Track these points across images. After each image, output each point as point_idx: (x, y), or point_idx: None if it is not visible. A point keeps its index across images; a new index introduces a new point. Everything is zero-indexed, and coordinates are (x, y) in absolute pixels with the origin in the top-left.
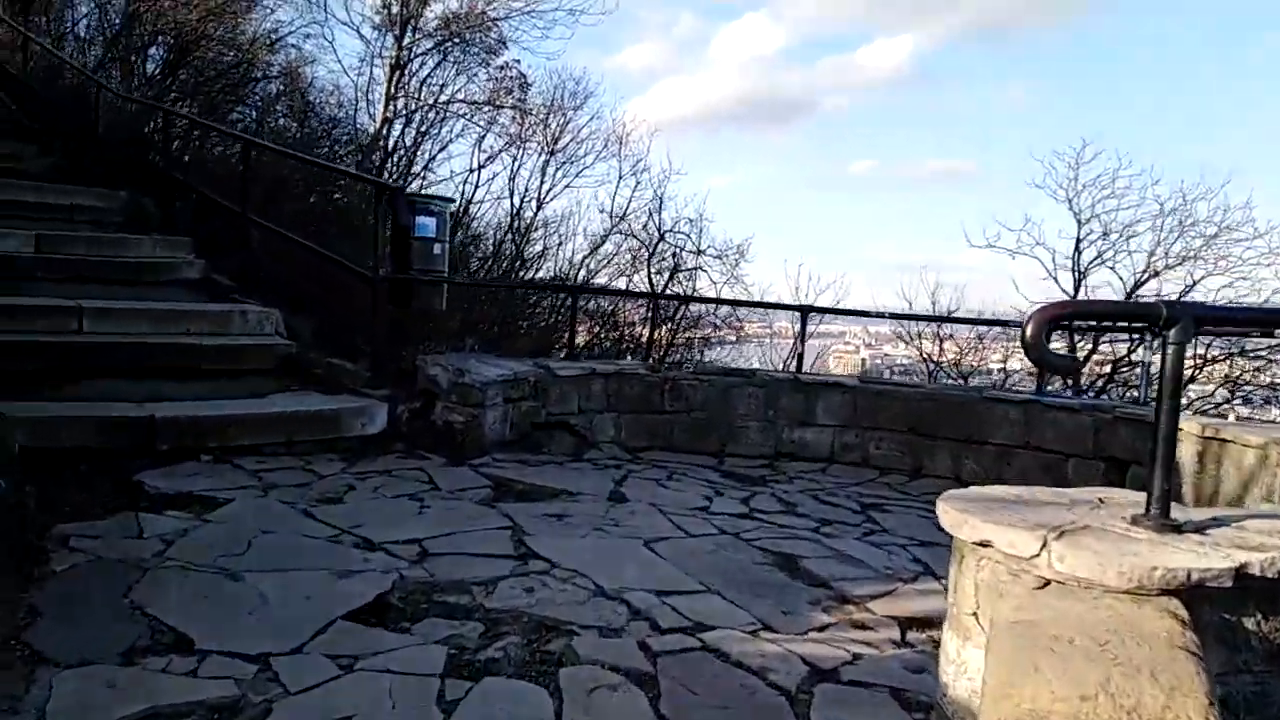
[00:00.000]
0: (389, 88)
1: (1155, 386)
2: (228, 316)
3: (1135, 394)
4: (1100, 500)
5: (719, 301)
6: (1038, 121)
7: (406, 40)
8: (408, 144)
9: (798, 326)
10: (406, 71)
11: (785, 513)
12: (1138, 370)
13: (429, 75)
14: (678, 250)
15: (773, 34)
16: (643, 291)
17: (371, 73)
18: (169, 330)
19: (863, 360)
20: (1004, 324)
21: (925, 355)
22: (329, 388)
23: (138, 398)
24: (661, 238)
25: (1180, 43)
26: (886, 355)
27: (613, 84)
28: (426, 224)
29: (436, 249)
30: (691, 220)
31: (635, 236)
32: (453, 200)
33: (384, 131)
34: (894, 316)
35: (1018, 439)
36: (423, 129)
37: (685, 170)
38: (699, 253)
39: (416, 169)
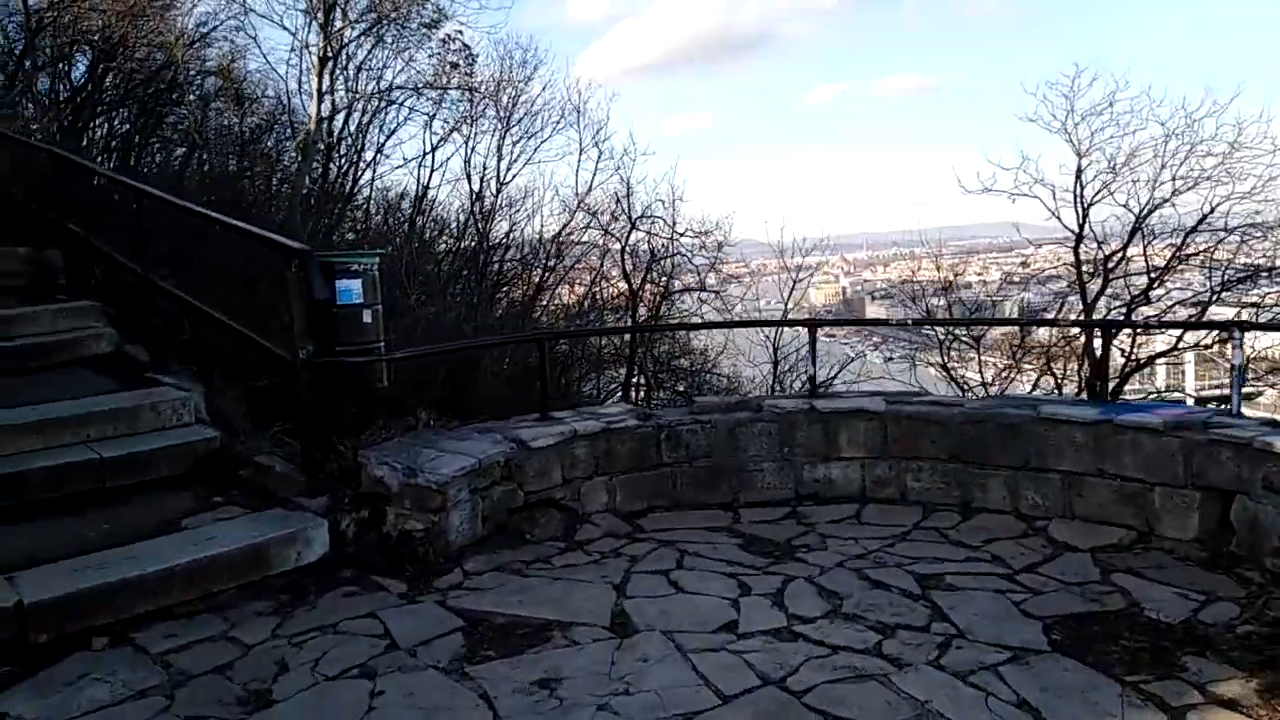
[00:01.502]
0: (319, 82)
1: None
2: (136, 412)
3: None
4: None
5: (711, 325)
6: (1003, 31)
7: (337, 26)
8: (352, 132)
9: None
10: (341, 59)
11: (832, 615)
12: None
13: (365, 59)
14: (651, 235)
15: None
16: (623, 326)
17: (303, 65)
18: (63, 442)
19: (843, 289)
20: (1038, 322)
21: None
22: (257, 497)
23: (10, 561)
24: (633, 226)
25: None
26: (866, 281)
27: (565, 36)
28: (349, 289)
29: (367, 316)
30: (663, 202)
31: (605, 229)
32: (379, 252)
33: (321, 129)
34: (916, 323)
35: (1088, 465)
36: (366, 118)
37: (653, 150)
38: (674, 237)
39: (368, 156)
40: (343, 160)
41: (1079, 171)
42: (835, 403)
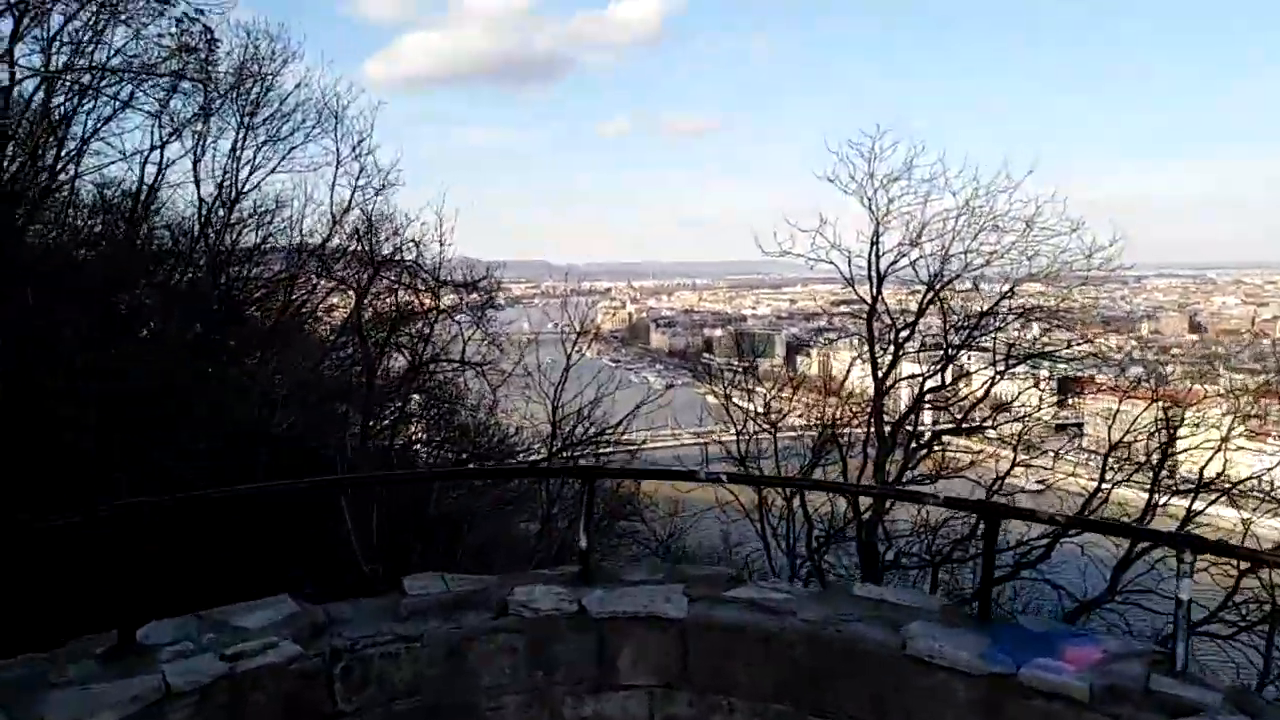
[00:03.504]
0: None
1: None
2: None
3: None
4: None
5: (471, 474)
6: (778, 75)
7: None
8: (55, 119)
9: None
10: (25, 24)
11: None
12: None
13: (64, 30)
14: (398, 284)
15: None
16: (349, 475)
17: None
18: None
19: (629, 314)
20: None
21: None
22: None
23: None
24: (376, 272)
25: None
26: (651, 309)
27: (348, 36)
28: None
29: None
30: (416, 243)
31: (340, 280)
32: None
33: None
34: (738, 480)
35: None
36: (70, 101)
37: (404, 181)
38: (436, 286)
39: (70, 148)
40: (33, 146)
41: (875, 239)
42: (615, 602)
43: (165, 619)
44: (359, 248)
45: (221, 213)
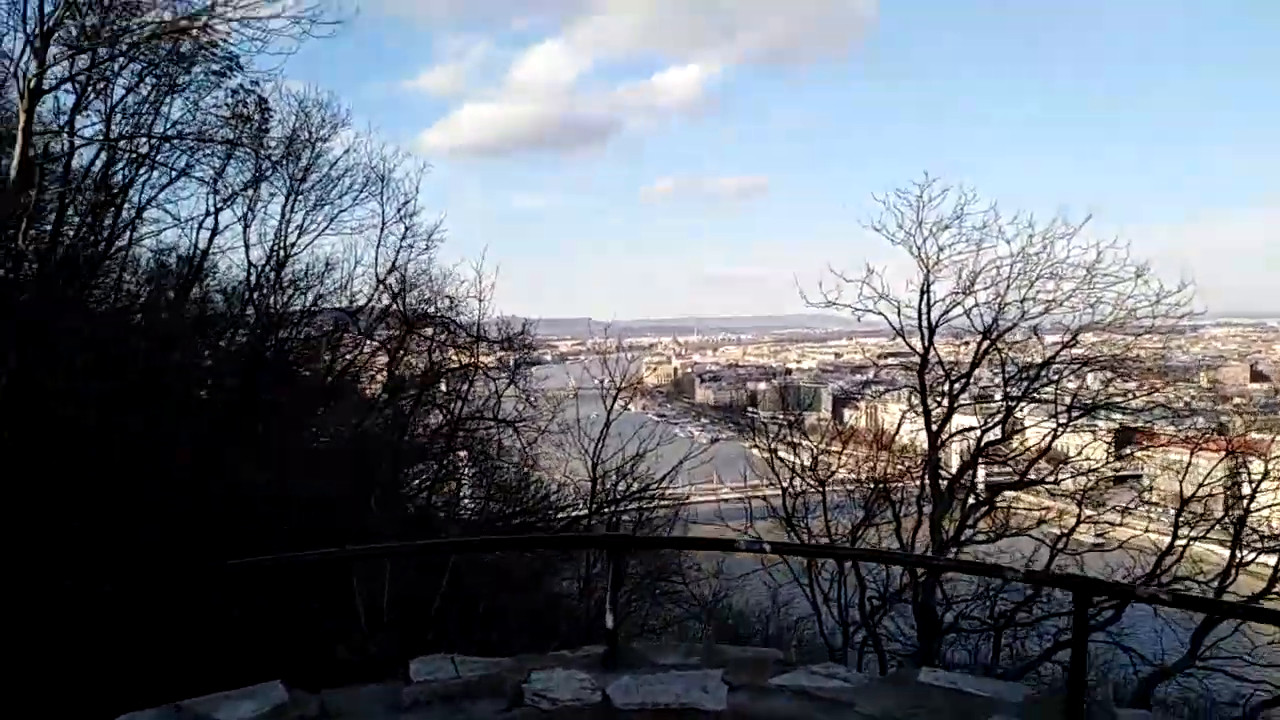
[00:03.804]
0: (26, 118)
1: None
2: None
3: None
4: None
5: (486, 546)
6: (821, 138)
7: (56, 50)
8: (113, 187)
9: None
10: (89, 95)
11: None
12: None
13: (121, 101)
14: (437, 342)
15: (571, 61)
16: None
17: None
18: None
19: (674, 369)
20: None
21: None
22: None
23: None
24: (410, 330)
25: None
26: (696, 364)
27: (411, 108)
28: None
29: None
30: (453, 301)
31: (375, 338)
32: None
33: (36, 174)
34: (783, 550)
35: None
36: (130, 169)
37: (447, 240)
38: (473, 343)
39: (127, 216)
40: (92, 214)
41: (925, 288)
42: (644, 691)
43: (139, 710)
44: (397, 307)
45: (271, 276)
